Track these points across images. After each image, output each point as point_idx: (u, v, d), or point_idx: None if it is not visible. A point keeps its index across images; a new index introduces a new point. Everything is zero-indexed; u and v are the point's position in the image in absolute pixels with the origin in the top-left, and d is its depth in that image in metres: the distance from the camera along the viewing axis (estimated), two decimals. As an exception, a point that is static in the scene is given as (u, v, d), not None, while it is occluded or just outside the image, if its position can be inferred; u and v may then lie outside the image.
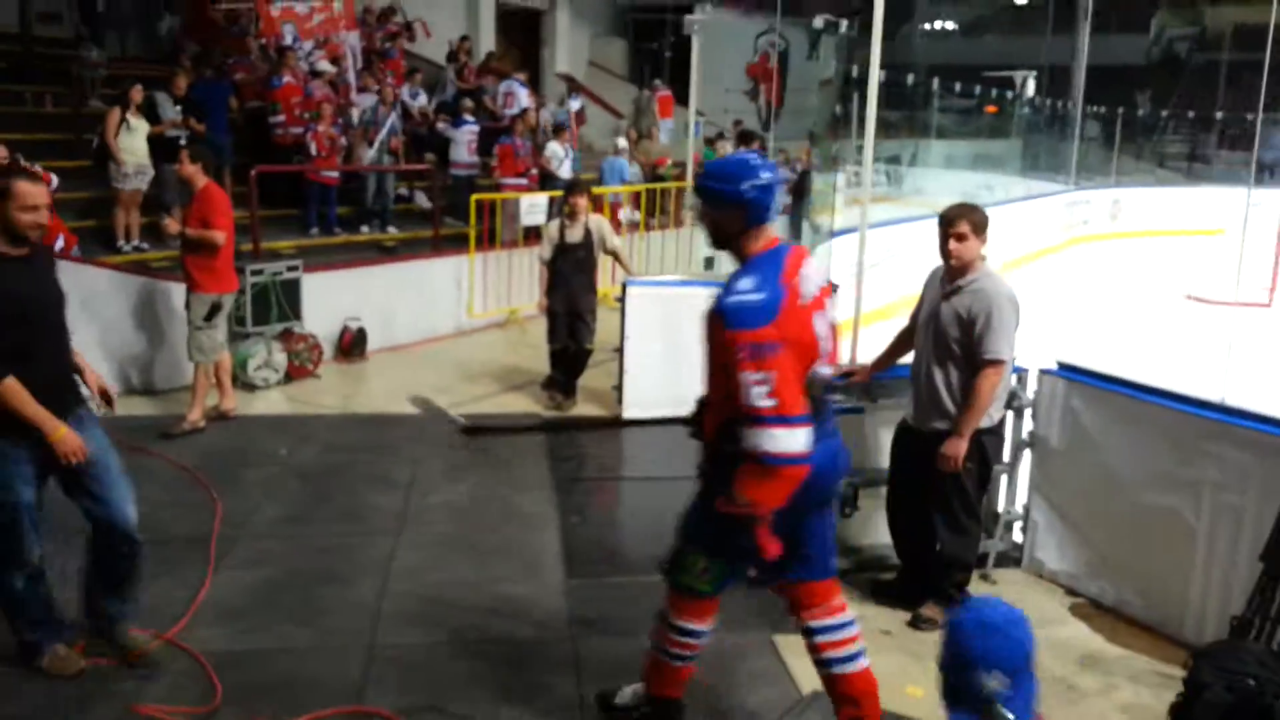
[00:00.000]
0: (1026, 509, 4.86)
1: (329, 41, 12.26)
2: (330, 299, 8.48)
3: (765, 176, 2.90)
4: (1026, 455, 4.85)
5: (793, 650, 3.86)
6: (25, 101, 10.96)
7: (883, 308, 8.27)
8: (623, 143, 13.51)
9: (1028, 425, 4.81)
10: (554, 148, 12.06)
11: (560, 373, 7.46)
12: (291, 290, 7.93)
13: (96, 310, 7.14)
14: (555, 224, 7.42)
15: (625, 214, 12.16)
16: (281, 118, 10.67)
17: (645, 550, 4.92)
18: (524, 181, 11.41)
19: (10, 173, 3.49)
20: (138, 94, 9.07)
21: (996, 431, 4.33)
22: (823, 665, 3.22)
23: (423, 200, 12.07)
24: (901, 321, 4.57)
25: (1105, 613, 4.50)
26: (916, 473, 4.30)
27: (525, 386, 7.92)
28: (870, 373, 4.58)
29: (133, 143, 8.93)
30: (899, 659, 4.03)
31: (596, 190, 12.19)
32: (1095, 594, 4.58)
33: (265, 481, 5.72)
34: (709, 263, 12.06)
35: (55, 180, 7.32)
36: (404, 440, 6.54)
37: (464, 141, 11.84)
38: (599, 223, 7.46)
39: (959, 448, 4.10)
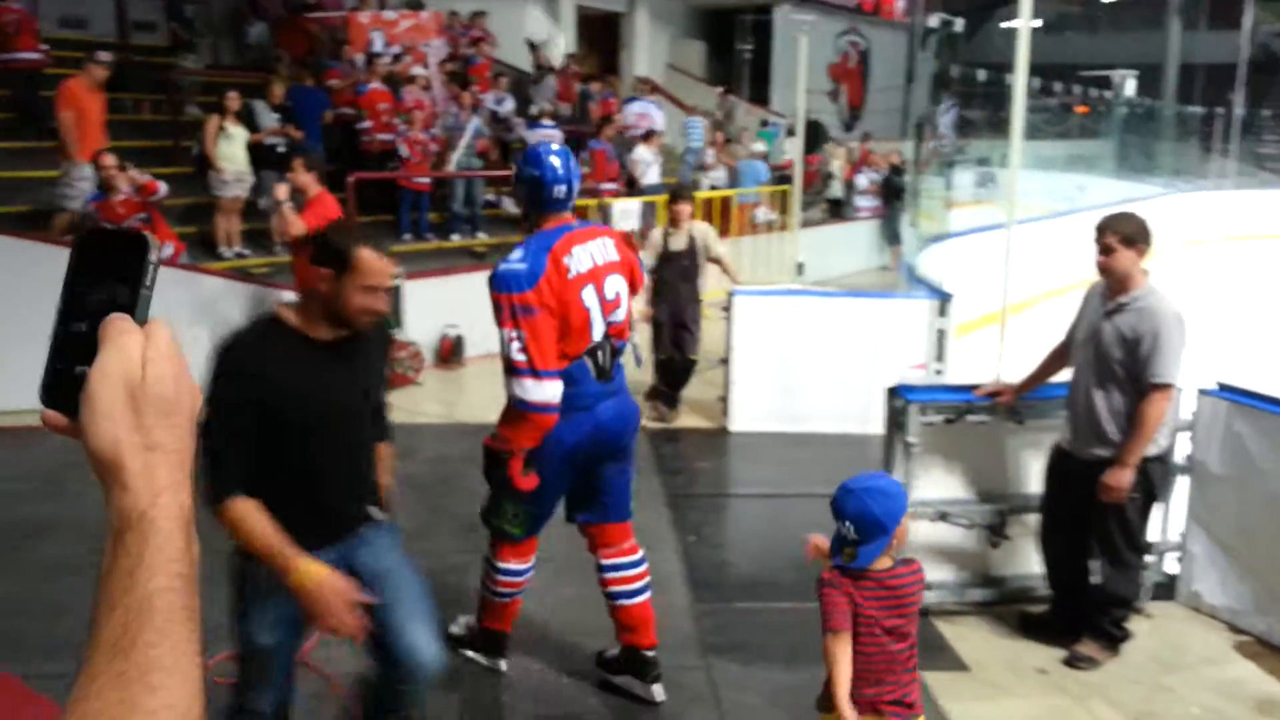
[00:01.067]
0: (1183, 538, 4.59)
1: (415, 48, 12.32)
2: (428, 306, 8.47)
3: (551, 163, 3.31)
4: (1183, 481, 4.57)
5: (945, 692, 3.67)
6: (125, 109, 11.14)
7: (977, 319, 8.00)
8: (759, 145, 13.41)
9: (1185, 449, 4.53)
10: (641, 152, 11.94)
11: (664, 383, 7.33)
12: (393, 298, 7.89)
13: (204, 316, 7.19)
14: (658, 231, 7.29)
15: (762, 214, 12.06)
16: (369, 124, 10.71)
17: (770, 573, 4.79)
18: (614, 186, 11.32)
19: (350, 237, 2.52)
20: (234, 101, 9.15)
21: (1163, 460, 4.08)
22: (610, 597, 3.68)
23: (510, 205, 12.01)
24: (997, 332, 4.34)
25: (1275, 652, 4.21)
26: (1073, 501, 4.06)
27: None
28: (1018, 393, 4.35)
29: (232, 150, 9.01)
30: (1057, 700, 3.81)
31: (729, 192, 12.11)
32: (1262, 631, 4.29)
33: (379, 494, 5.66)
34: (800, 268, 11.89)
35: (163, 188, 7.41)
36: (512, 452, 6.44)
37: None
38: (703, 230, 7.31)
39: (1124, 478, 3.86)
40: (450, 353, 8.57)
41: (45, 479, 5.64)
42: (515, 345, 3.19)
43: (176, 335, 0.82)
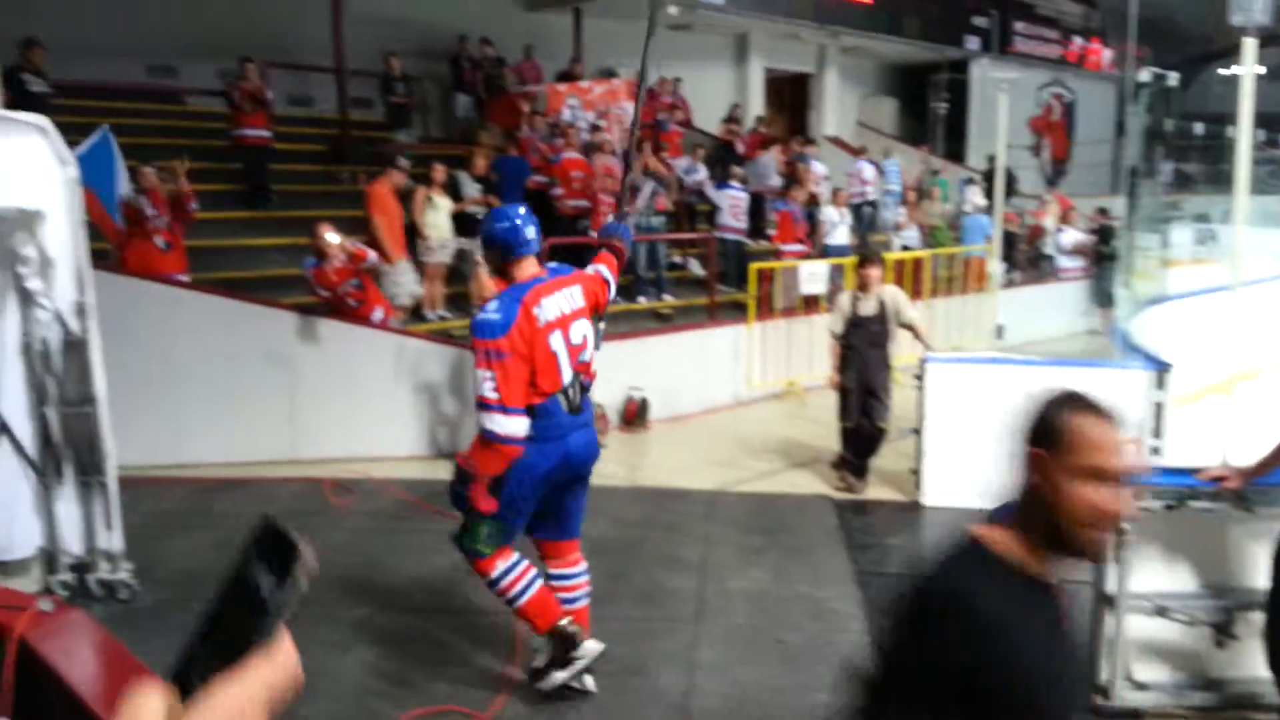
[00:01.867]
0: None
1: (609, 112, 12.73)
2: (613, 368, 8.58)
3: (513, 221, 3.80)
4: None
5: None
6: (342, 181, 12.00)
7: (1199, 391, 7.35)
8: (981, 199, 13.14)
9: None
10: (829, 212, 11.81)
11: (852, 452, 7.11)
12: (581, 360, 8.08)
13: (410, 376, 7.58)
14: (847, 296, 7.14)
15: (994, 268, 11.76)
16: (560, 190, 11.09)
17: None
18: (801, 248, 11.23)
19: (1069, 405, 1.72)
20: (440, 173, 9.66)
21: None
22: (509, 602, 3.98)
23: (696, 267, 12.15)
24: (1222, 406, 3.92)
25: None
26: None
27: (811, 464, 7.63)
28: (1247, 478, 3.94)
29: (437, 219, 9.50)
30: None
31: (922, 254, 11.85)
32: None
33: (563, 556, 5.73)
34: (1000, 332, 11.37)
35: (373, 256, 7.87)
36: (694, 517, 6.40)
37: (726, 205, 11.84)
38: (894, 294, 7.10)
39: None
40: (635, 415, 8.66)
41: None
42: (489, 384, 3.59)
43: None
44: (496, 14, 13.74)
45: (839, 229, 11.84)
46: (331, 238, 7.34)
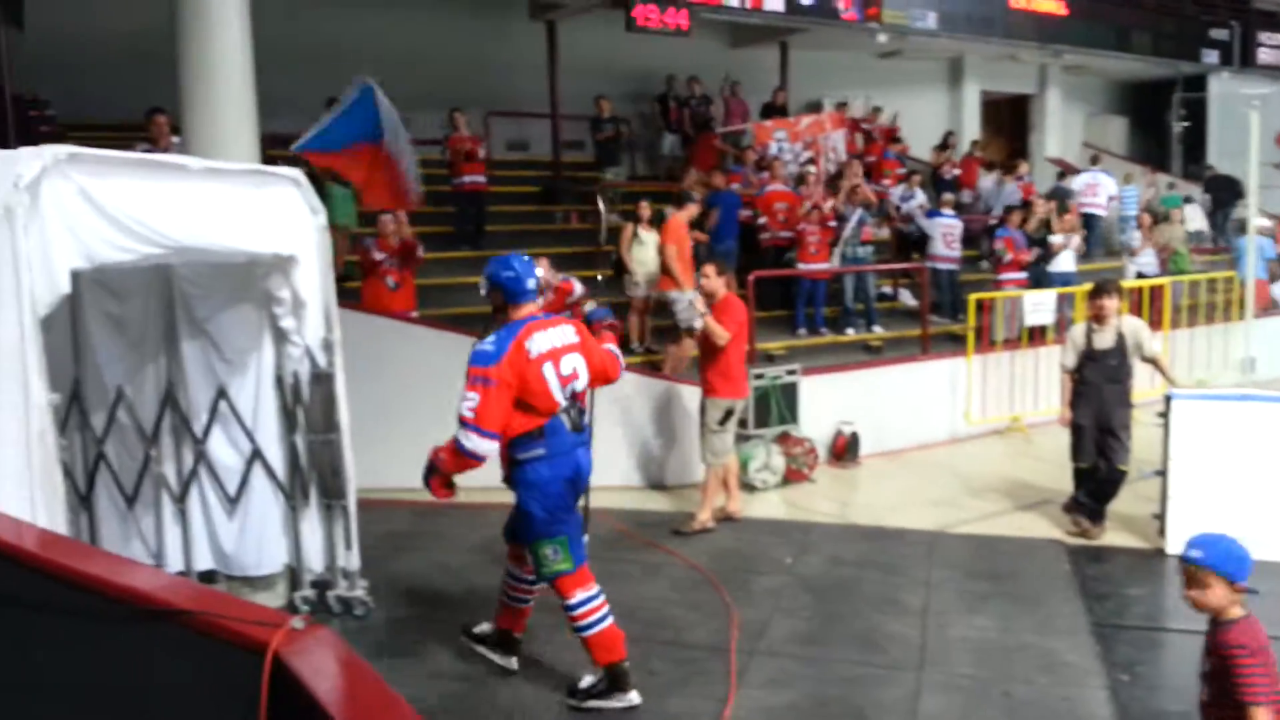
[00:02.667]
0: None
1: (815, 142, 12.61)
2: (823, 401, 8.43)
3: (516, 272, 4.23)
4: None
5: None
6: (554, 220, 12.46)
7: None
8: (1266, 221, 12.23)
9: None
10: (1056, 239, 11.17)
11: (1087, 495, 6.63)
12: (790, 394, 7.99)
13: (621, 408, 7.71)
14: (1081, 328, 6.70)
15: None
16: (765, 220, 11.05)
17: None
18: (1023, 276, 10.67)
19: None
20: (646, 209, 9.81)
21: None
22: (579, 629, 4.26)
23: (908, 298, 11.77)
24: None
25: None
26: None
27: (1040, 506, 7.18)
28: None
29: (643, 254, 9.64)
30: None
31: (1161, 281, 11.10)
32: None
33: (775, 591, 5.62)
34: (1251, 365, 10.37)
35: (579, 288, 8.05)
36: (913, 559, 6.14)
37: (939, 234, 11.40)
38: (1134, 325, 6.60)
39: None
40: (845, 450, 8.44)
41: (489, 552, 6.26)
42: (469, 405, 3.98)
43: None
44: (703, 53, 13.92)
45: (1065, 255, 11.17)
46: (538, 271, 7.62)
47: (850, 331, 10.60)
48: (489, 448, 4.03)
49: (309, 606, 5.22)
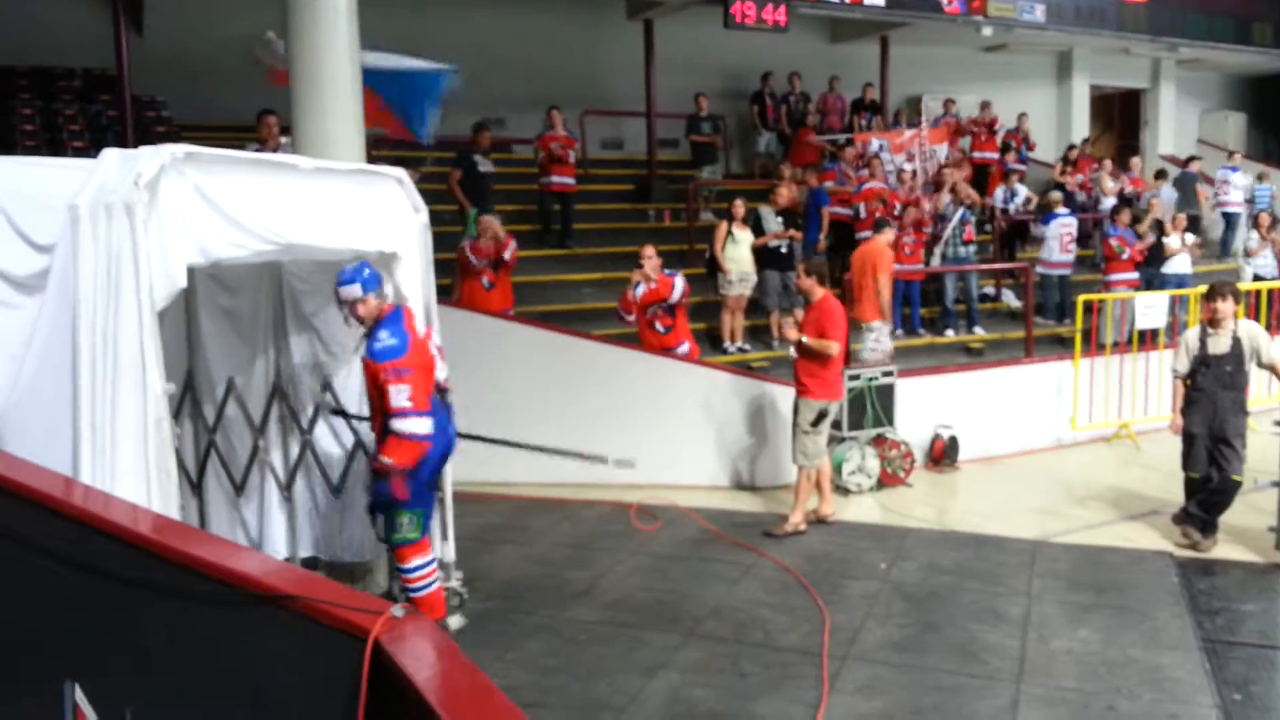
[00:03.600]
0: None
1: (914, 155, 12.39)
2: (920, 404, 8.26)
3: (363, 268, 4.59)
4: None
5: None
6: (648, 217, 12.48)
7: None
8: None
9: None
10: (1171, 241, 10.73)
11: (1198, 505, 6.35)
12: (886, 395, 7.85)
13: (713, 407, 7.69)
14: (1194, 332, 6.42)
15: None
16: (865, 217, 10.86)
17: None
18: (1135, 276, 10.29)
19: None
20: (740, 208, 9.74)
21: None
22: (412, 590, 4.72)
23: (1011, 299, 11.45)
24: None
25: None
26: None
27: (1147, 516, 6.91)
28: None
29: (738, 252, 9.58)
30: None
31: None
32: None
33: (869, 597, 5.53)
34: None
35: (678, 289, 8.05)
36: (1013, 568, 5.96)
37: (1056, 236, 11.03)
38: (1251, 330, 6.30)
39: None
40: (942, 454, 8.26)
41: (579, 547, 6.32)
42: (404, 395, 4.35)
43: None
44: (801, 49, 13.79)
45: (1180, 257, 10.72)
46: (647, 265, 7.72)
47: (950, 333, 10.37)
48: (429, 425, 4.47)
49: (405, 596, 5.34)
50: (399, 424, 4.40)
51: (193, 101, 10.08)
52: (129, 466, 3.65)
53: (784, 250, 9.74)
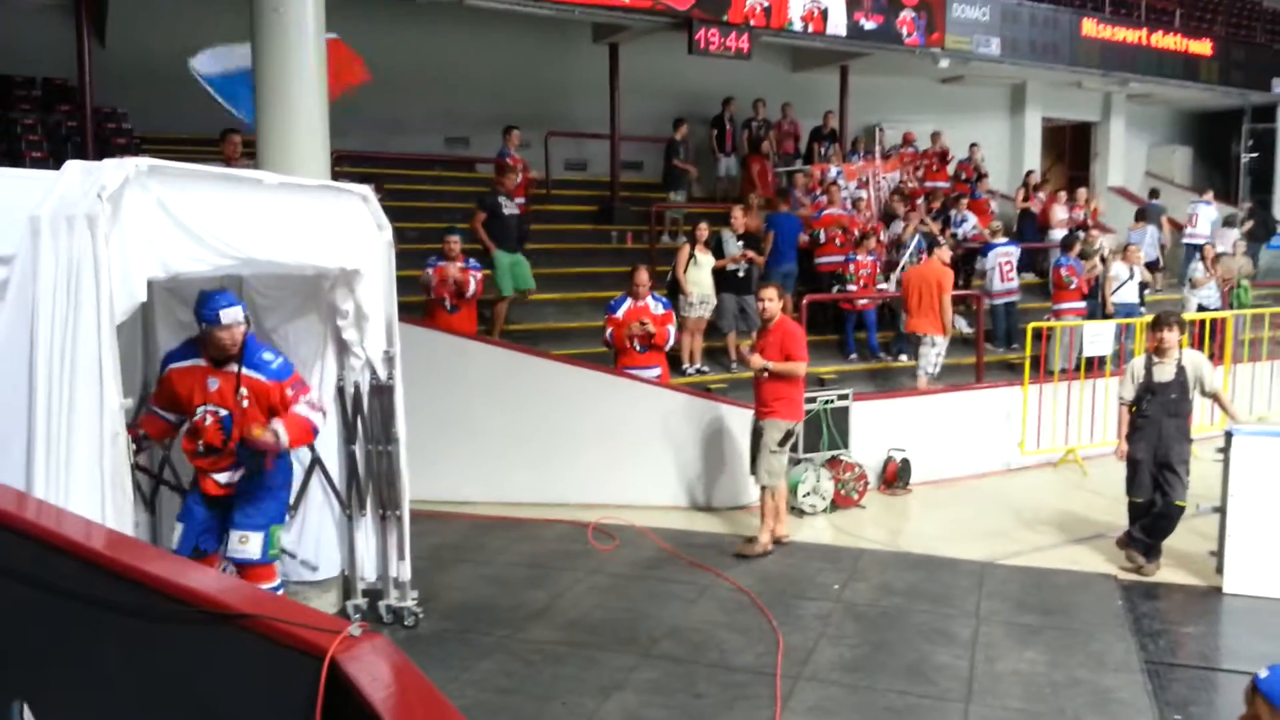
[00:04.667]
0: None
1: (867, 181, 12.62)
2: (874, 427, 8.39)
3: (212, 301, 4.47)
4: None
5: None
6: (611, 238, 12.55)
7: None
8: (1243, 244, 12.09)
9: None
10: (1118, 268, 11.02)
11: (1142, 530, 6.52)
12: (841, 418, 7.96)
13: (671, 428, 7.75)
14: (1140, 360, 6.61)
15: None
16: (824, 242, 11.03)
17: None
18: (1082, 305, 10.55)
19: None
20: (704, 231, 9.85)
21: None
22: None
23: (962, 325, 11.65)
24: None
25: None
26: None
27: (1093, 540, 7.08)
28: None
29: (699, 275, 9.68)
30: None
31: (1224, 314, 10.91)
32: None
33: (822, 617, 5.60)
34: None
35: (671, 334, 8.07)
36: (963, 589, 6.07)
37: (995, 266, 11.29)
38: (1195, 360, 6.50)
39: None
40: (895, 477, 8.39)
41: (536, 566, 6.33)
42: (314, 395, 4.78)
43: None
44: (763, 76, 14.00)
45: (1127, 286, 11.01)
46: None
47: (904, 358, 10.53)
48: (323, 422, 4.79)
49: (360, 614, 5.32)
50: (315, 416, 4.62)
51: (154, 113, 10.01)
52: (84, 481, 3.62)
53: (741, 274, 9.86)
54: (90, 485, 3.66)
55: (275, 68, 6.19)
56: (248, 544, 4.62)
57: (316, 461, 5.29)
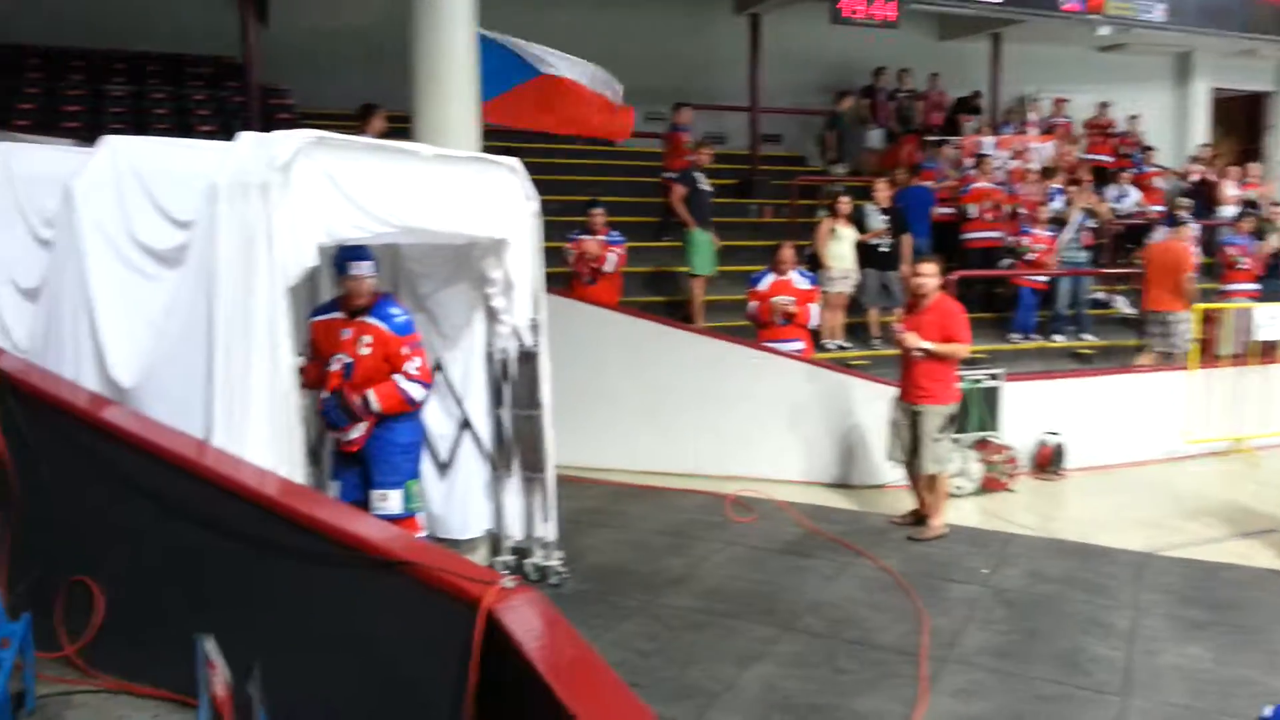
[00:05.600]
0: None
1: (1024, 151, 12.07)
2: (1027, 409, 8.07)
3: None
4: None
5: None
6: (749, 213, 12.43)
7: None
8: None
9: None
10: (1287, 244, 10.27)
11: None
12: (991, 398, 7.70)
13: (811, 404, 7.65)
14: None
15: None
16: (974, 217, 10.63)
17: None
18: (1254, 287, 9.87)
19: None
20: (845, 204, 9.62)
21: None
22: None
23: (1124, 305, 11.08)
24: None
25: None
26: None
27: (1266, 535, 6.64)
28: None
29: (840, 249, 9.48)
30: None
31: None
32: None
33: (969, 601, 5.44)
34: None
35: (815, 314, 7.98)
36: (1120, 580, 5.78)
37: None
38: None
39: None
40: (1048, 461, 8.06)
41: (676, 535, 6.37)
42: (417, 365, 4.76)
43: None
44: (909, 46, 13.56)
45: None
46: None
47: (1058, 338, 10.10)
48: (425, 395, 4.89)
49: (508, 571, 5.45)
50: (408, 385, 4.73)
51: (314, 89, 10.44)
52: (258, 433, 3.83)
53: (884, 249, 9.61)
54: (264, 438, 3.86)
55: (429, 44, 6.37)
56: (387, 500, 4.83)
57: (467, 424, 5.45)
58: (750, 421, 7.71)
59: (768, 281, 7.86)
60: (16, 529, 3.66)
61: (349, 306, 4.75)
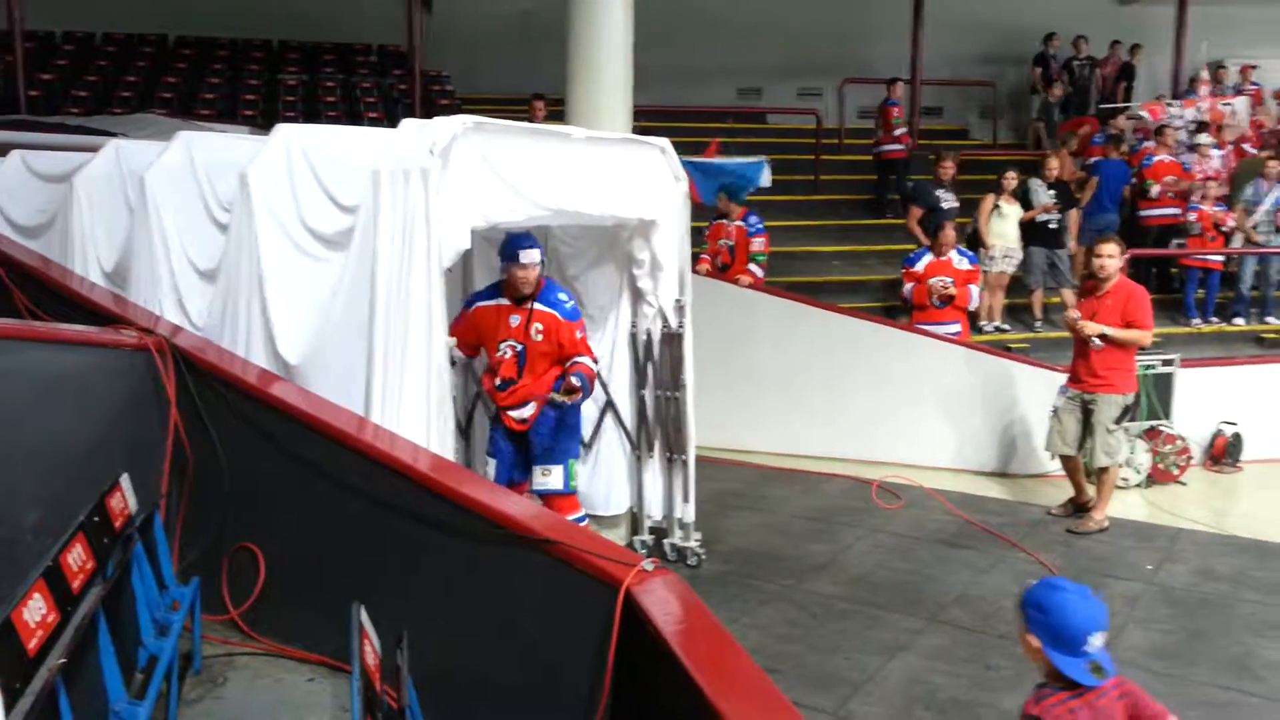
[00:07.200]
0: None
1: (1213, 109, 11.24)
2: (1203, 397, 7.58)
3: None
4: None
5: None
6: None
7: None
8: None
9: None
10: None
11: None
12: (1164, 385, 7.27)
13: (963, 388, 7.41)
14: None
15: None
16: (1156, 193, 9.98)
17: None
18: None
19: None
20: (1010, 180, 9.19)
21: None
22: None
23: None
24: None
25: None
26: None
27: None
28: None
29: (1003, 227, 9.07)
30: None
31: None
32: None
33: (1131, 599, 5.17)
34: None
35: (974, 295, 7.77)
36: (1307, 583, 5.39)
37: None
38: None
39: None
40: (1223, 453, 7.56)
41: (819, 520, 6.31)
42: (586, 343, 4.85)
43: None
44: (1087, 9, 12.84)
45: None
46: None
47: (1240, 321, 9.43)
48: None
49: (646, 550, 5.54)
50: (590, 363, 4.86)
51: (473, 75, 10.78)
52: (413, 409, 4.01)
53: (1052, 225, 9.15)
54: (419, 413, 4.04)
55: (583, 29, 6.46)
56: (549, 476, 4.91)
57: (610, 404, 5.53)
58: (899, 405, 7.54)
59: (924, 262, 7.64)
60: (189, 498, 3.93)
61: (514, 293, 4.80)
